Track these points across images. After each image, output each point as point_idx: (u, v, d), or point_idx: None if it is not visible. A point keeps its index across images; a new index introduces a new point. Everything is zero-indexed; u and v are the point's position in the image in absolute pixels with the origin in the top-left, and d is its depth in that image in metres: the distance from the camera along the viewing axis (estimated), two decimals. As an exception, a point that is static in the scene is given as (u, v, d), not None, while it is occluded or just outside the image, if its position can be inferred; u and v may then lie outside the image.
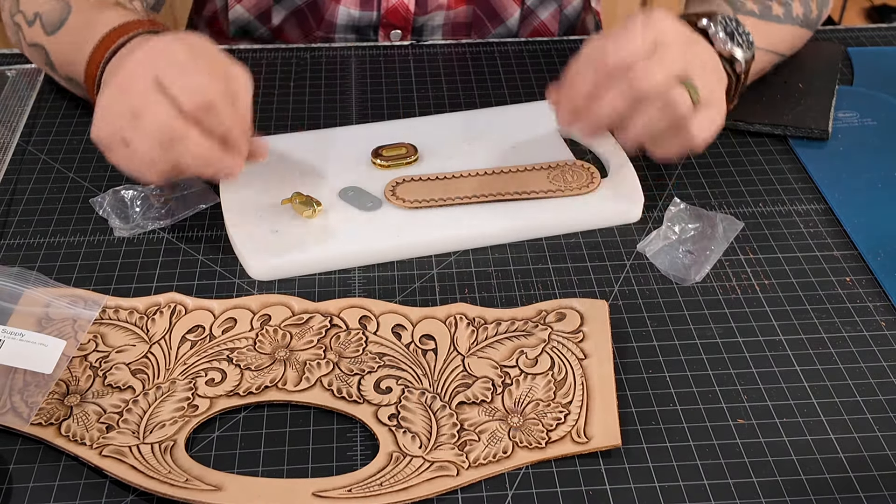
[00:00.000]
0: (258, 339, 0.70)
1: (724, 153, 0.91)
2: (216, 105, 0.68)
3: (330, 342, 0.70)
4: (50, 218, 0.82)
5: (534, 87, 0.99)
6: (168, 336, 0.70)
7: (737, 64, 0.81)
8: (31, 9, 0.88)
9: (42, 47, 0.88)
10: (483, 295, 0.75)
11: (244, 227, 0.76)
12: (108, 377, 0.67)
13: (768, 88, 0.95)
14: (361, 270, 0.77)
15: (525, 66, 1.02)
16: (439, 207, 0.79)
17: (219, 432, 0.65)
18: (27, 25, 0.88)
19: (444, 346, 0.69)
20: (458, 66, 1.01)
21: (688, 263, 0.78)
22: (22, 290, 0.71)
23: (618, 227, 0.82)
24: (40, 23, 0.87)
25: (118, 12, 0.81)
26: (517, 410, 0.65)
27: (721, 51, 0.80)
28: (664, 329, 0.73)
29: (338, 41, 1.09)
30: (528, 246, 0.80)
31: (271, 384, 0.67)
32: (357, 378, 0.67)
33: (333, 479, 0.61)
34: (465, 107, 0.95)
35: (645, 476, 0.63)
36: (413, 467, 0.62)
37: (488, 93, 0.98)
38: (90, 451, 0.62)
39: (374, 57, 1.03)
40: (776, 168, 0.89)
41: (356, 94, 0.97)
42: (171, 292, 0.74)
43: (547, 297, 0.75)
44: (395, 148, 0.85)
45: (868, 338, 0.73)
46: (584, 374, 0.67)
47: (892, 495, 0.62)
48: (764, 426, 0.66)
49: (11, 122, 0.91)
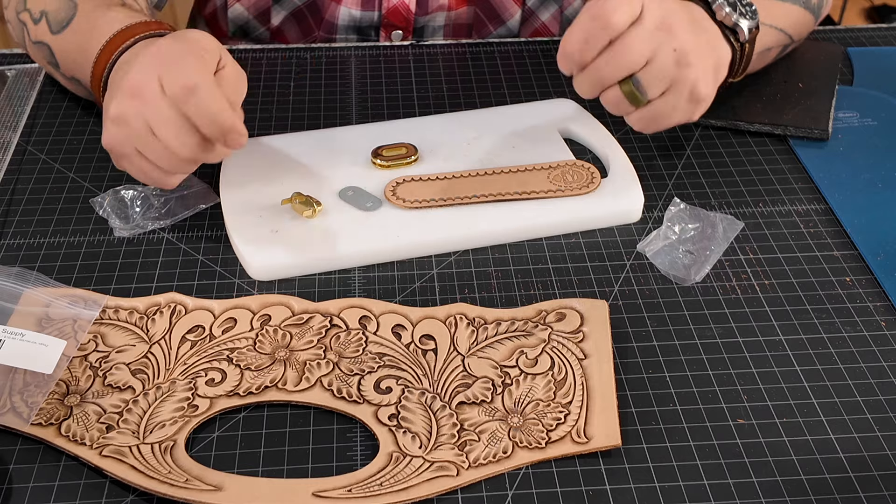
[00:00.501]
0: (258, 339, 0.70)
1: (724, 153, 0.90)
2: (200, 89, 0.68)
3: (330, 342, 0.69)
4: (50, 218, 0.81)
5: (534, 87, 0.99)
6: (168, 336, 0.70)
7: (740, 32, 0.80)
8: (38, 7, 0.88)
9: (47, 45, 0.88)
10: (483, 295, 0.75)
11: (244, 227, 0.76)
12: (108, 377, 0.67)
13: (768, 88, 0.95)
14: (361, 270, 0.77)
15: (525, 66, 1.02)
16: (439, 208, 0.79)
17: (219, 432, 0.65)
18: (33, 23, 0.88)
19: (444, 346, 0.69)
20: (458, 66, 1.01)
21: (688, 263, 0.77)
22: (22, 290, 0.71)
23: (618, 227, 0.81)
24: (46, 21, 0.87)
25: (123, 12, 0.81)
26: (517, 410, 0.65)
27: (723, 19, 0.79)
28: (664, 329, 0.72)
29: (339, 41, 1.09)
30: (528, 246, 0.80)
31: (271, 384, 0.66)
32: (357, 378, 0.67)
33: (333, 480, 0.61)
34: (466, 107, 0.94)
35: (645, 476, 0.62)
36: (413, 467, 0.62)
37: (488, 93, 0.97)
38: (90, 451, 0.62)
39: (374, 57, 1.03)
40: (776, 168, 0.89)
41: (356, 94, 0.97)
42: (171, 292, 0.74)
43: (547, 297, 0.75)
44: (396, 148, 0.84)
45: (868, 338, 0.72)
46: (584, 374, 0.67)
47: (892, 495, 0.61)
48: (764, 426, 0.66)
49: (12, 122, 0.91)
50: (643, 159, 0.86)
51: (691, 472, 0.63)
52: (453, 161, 0.83)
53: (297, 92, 0.97)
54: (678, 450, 0.64)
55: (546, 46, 1.06)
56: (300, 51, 1.04)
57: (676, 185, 0.86)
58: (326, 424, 0.65)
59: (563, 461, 0.63)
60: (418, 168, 0.83)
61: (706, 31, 0.78)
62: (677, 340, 0.71)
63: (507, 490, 0.62)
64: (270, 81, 0.98)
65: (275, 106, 0.95)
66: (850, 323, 0.73)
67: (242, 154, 0.82)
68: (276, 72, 1.00)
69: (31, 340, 0.67)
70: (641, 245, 0.80)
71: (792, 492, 0.62)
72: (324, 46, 1.05)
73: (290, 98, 0.96)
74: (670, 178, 0.87)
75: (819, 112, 0.93)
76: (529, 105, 0.93)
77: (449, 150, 0.85)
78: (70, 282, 0.75)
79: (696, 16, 0.78)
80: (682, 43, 0.73)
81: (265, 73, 1.00)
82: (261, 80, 0.98)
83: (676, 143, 0.90)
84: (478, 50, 1.05)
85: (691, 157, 0.89)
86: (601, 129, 0.88)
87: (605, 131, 0.88)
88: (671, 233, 0.79)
